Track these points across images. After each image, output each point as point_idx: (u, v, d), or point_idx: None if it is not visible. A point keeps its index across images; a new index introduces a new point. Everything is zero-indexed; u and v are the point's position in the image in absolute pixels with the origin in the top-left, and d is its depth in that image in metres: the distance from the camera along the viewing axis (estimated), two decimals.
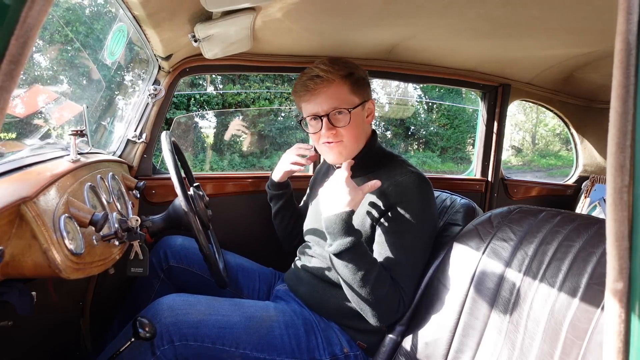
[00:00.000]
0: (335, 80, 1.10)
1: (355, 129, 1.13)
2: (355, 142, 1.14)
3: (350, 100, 1.12)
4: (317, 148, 1.21)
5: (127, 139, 1.52)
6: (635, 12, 0.37)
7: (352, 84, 1.12)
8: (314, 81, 1.10)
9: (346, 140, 1.12)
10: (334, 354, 1.06)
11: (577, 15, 1.19)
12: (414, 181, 1.07)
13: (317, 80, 1.09)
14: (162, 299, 1.01)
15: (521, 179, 2.32)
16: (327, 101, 1.10)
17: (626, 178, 0.38)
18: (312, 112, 1.13)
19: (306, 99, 1.13)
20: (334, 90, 1.10)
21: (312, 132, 1.16)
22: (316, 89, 1.10)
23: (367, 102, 1.17)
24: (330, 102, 1.10)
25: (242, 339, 0.99)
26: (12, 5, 0.32)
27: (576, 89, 2.13)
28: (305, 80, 1.11)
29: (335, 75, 1.09)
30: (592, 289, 0.76)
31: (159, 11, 1.04)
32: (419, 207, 1.05)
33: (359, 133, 1.14)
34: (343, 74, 1.10)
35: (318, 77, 1.09)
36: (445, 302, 0.99)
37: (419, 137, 10.38)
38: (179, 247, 1.33)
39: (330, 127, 1.11)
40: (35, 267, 0.64)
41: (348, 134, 1.12)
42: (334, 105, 1.10)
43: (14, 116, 1.22)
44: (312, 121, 1.15)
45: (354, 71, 1.13)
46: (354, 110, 1.11)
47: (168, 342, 0.93)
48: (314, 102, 1.12)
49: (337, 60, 1.13)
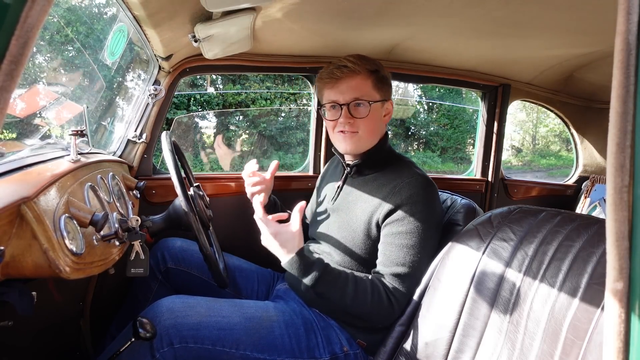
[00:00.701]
0: (361, 73, 1.14)
1: (373, 123, 1.16)
2: (370, 135, 1.17)
3: (372, 94, 1.16)
4: (330, 136, 1.24)
5: (127, 139, 1.52)
6: (635, 12, 0.37)
7: (376, 80, 1.16)
8: (340, 70, 1.14)
9: (362, 132, 1.16)
10: (334, 353, 1.06)
11: (577, 15, 1.19)
12: (420, 183, 1.09)
13: (344, 69, 1.14)
14: (161, 301, 1.01)
15: (521, 179, 2.32)
16: (349, 91, 1.14)
17: (626, 178, 0.38)
18: (333, 99, 1.17)
19: (330, 86, 1.17)
20: (358, 82, 1.14)
21: (329, 119, 1.20)
22: (341, 77, 1.14)
23: (387, 101, 1.21)
24: (353, 92, 1.14)
25: (242, 340, 0.99)
26: (12, 5, 0.32)
27: (576, 89, 2.12)
28: (332, 69, 1.15)
29: (362, 68, 1.14)
30: (592, 289, 0.76)
31: (159, 11, 1.04)
32: (424, 210, 1.07)
33: (375, 128, 1.18)
34: (369, 69, 1.15)
35: (345, 67, 1.14)
36: (446, 302, 0.99)
37: (419, 137, 10.37)
38: (177, 249, 1.33)
39: (348, 116, 1.15)
40: (35, 267, 0.64)
41: (364, 126, 1.16)
42: (356, 96, 1.14)
43: (14, 116, 1.22)
44: (331, 109, 1.19)
45: (380, 69, 1.18)
46: (374, 104, 1.16)
47: (168, 344, 0.92)
48: (337, 89, 1.16)
49: (365, 56, 1.17)
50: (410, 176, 1.11)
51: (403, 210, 1.07)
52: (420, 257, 1.05)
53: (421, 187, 1.08)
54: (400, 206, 1.07)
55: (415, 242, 1.05)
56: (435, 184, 1.14)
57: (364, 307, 1.02)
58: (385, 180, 1.14)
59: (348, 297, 1.02)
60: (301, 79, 4.66)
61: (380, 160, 1.20)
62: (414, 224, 1.05)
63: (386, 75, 1.20)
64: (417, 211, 1.06)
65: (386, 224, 1.08)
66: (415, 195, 1.07)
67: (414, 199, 1.07)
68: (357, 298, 1.02)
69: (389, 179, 1.14)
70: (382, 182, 1.15)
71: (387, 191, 1.11)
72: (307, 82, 1.89)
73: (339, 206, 1.22)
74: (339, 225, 1.19)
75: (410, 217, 1.06)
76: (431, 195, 1.10)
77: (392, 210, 1.08)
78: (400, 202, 1.07)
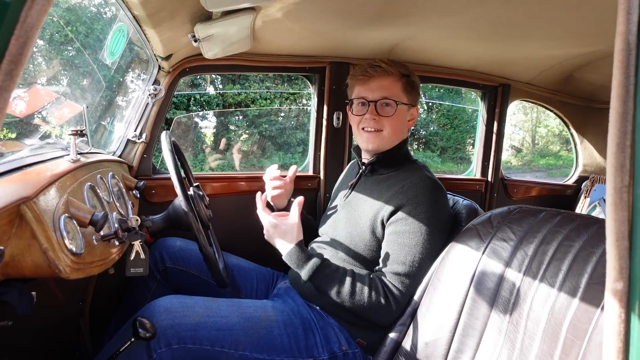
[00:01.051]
0: (393, 74, 1.19)
1: (397, 124, 1.20)
2: (393, 135, 1.20)
3: (401, 96, 1.20)
4: (354, 132, 1.28)
5: (127, 139, 1.52)
6: (635, 12, 0.37)
7: (406, 83, 1.21)
8: (374, 69, 1.18)
9: (386, 131, 1.19)
10: (333, 352, 1.06)
11: (577, 15, 1.19)
12: (428, 185, 1.10)
13: (378, 69, 1.18)
14: (158, 301, 1.00)
15: (521, 179, 2.32)
16: (379, 89, 1.18)
17: (626, 178, 0.38)
18: (362, 95, 1.21)
19: (361, 83, 1.21)
20: (388, 82, 1.18)
21: (355, 114, 1.23)
22: (374, 75, 1.19)
23: (414, 107, 1.24)
24: (382, 91, 1.18)
25: (241, 340, 0.99)
26: (12, 5, 0.32)
27: (576, 89, 2.13)
28: (366, 67, 1.20)
29: (395, 70, 1.19)
30: (592, 289, 0.76)
31: (159, 11, 1.04)
32: (429, 211, 1.07)
33: (398, 129, 1.21)
34: (401, 72, 1.20)
35: (379, 67, 1.18)
36: (445, 302, 0.99)
37: (419, 137, 10.37)
38: (175, 249, 1.33)
39: (374, 113, 1.18)
40: (35, 267, 0.63)
41: (389, 125, 1.19)
42: (385, 95, 1.18)
43: (14, 116, 1.22)
44: (359, 105, 1.22)
45: (411, 75, 1.22)
46: (401, 105, 1.19)
47: (165, 345, 0.92)
48: (367, 86, 1.19)
49: (398, 62, 1.22)
50: (419, 178, 1.12)
51: (407, 209, 1.08)
52: (421, 258, 1.05)
53: (427, 189, 1.09)
54: (405, 205, 1.08)
55: (417, 242, 1.05)
56: (444, 188, 1.15)
57: (362, 303, 1.03)
58: (396, 180, 1.16)
59: (346, 292, 1.03)
60: (301, 79, 4.67)
61: (395, 161, 1.23)
62: (417, 224, 1.06)
63: (416, 81, 1.24)
64: (421, 211, 1.07)
65: (390, 222, 1.09)
66: (421, 196, 1.08)
67: (419, 200, 1.08)
68: (355, 293, 1.03)
69: (399, 179, 1.16)
70: (392, 182, 1.17)
71: (394, 191, 1.12)
72: (307, 82, 1.89)
73: (350, 203, 1.25)
74: (346, 220, 1.21)
75: (414, 217, 1.07)
76: (438, 197, 1.11)
77: (396, 209, 1.09)
78: (405, 201, 1.08)
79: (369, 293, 1.03)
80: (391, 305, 1.04)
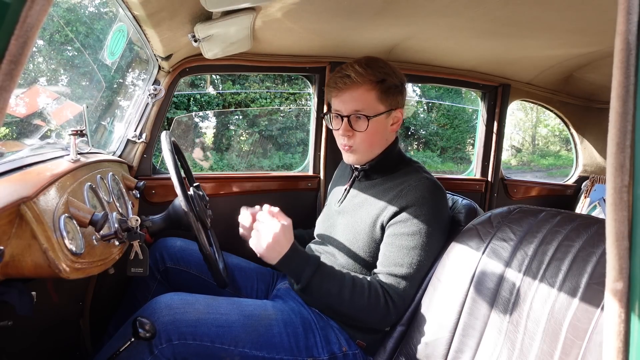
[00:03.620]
0: (363, 85, 1.09)
1: (371, 137, 1.13)
2: (368, 148, 1.15)
3: (374, 107, 1.11)
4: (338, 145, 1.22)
5: (127, 139, 1.52)
6: (635, 12, 0.37)
7: (381, 90, 1.11)
8: (343, 81, 1.10)
9: (357, 146, 1.14)
10: (333, 353, 1.06)
11: (577, 15, 1.19)
12: (427, 187, 1.08)
13: (347, 80, 1.09)
14: (160, 298, 1.01)
15: (521, 179, 2.32)
16: (351, 102, 1.11)
17: (626, 178, 0.38)
18: (337, 109, 1.15)
19: (334, 95, 1.15)
20: (359, 93, 1.10)
21: (332, 128, 1.19)
22: (344, 88, 1.11)
23: (395, 110, 1.15)
24: (354, 104, 1.11)
25: (241, 337, 0.99)
26: (12, 5, 0.32)
27: (576, 89, 2.13)
28: (337, 78, 1.12)
29: (365, 79, 1.09)
30: (592, 289, 0.76)
31: (159, 11, 1.04)
32: (429, 212, 1.06)
33: (375, 141, 1.15)
34: (374, 79, 1.10)
35: (348, 78, 1.09)
36: (445, 302, 0.99)
37: (419, 137, 10.37)
38: (176, 249, 1.33)
39: (347, 129, 1.13)
40: (35, 267, 0.63)
41: (362, 141, 1.13)
42: (356, 108, 1.11)
43: (14, 116, 1.22)
44: (335, 118, 1.17)
45: (388, 78, 1.11)
46: (375, 118, 1.11)
47: (166, 340, 0.92)
48: (340, 99, 1.13)
49: (373, 63, 1.11)
50: (418, 180, 1.10)
51: (407, 212, 1.06)
52: (420, 260, 1.05)
53: (427, 191, 1.07)
54: (405, 208, 1.06)
55: (416, 244, 1.05)
56: (443, 189, 1.12)
57: (361, 305, 1.01)
58: (393, 184, 1.13)
59: (345, 294, 1.01)
60: (301, 79, 4.66)
61: (389, 165, 1.19)
62: (417, 226, 1.05)
63: (396, 82, 1.13)
64: (422, 214, 1.05)
65: (390, 225, 1.08)
66: (421, 198, 1.06)
67: (419, 202, 1.06)
68: (355, 295, 1.01)
69: (396, 182, 1.13)
70: (389, 185, 1.14)
71: (393, 194, 1.10)
72: (307, 82, 1.89)
73: (345, 209, 1.22)
74: (343, 227, 1.19)
75: (414, 219, 1.05)
76: (438, 199, 1.09)
77: (396, 212, 1.07)
78: (405, 204, 1.06)
79: (369, 294, 1.02)
80: (389, 308, 1.03)
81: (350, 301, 1.02)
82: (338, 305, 1.03)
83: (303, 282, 1.02)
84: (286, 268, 1.03)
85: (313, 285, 1.02)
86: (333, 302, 1.03)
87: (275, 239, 1.00)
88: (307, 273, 1.02)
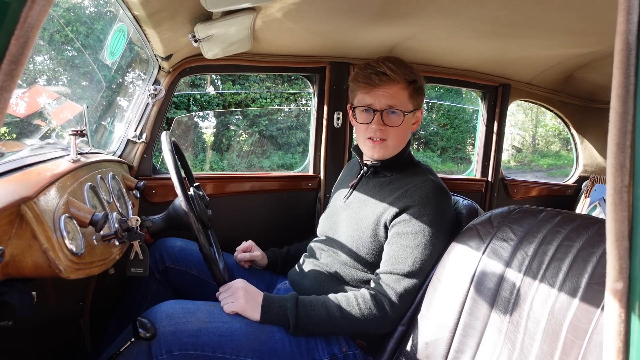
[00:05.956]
0: (399, 83, 1.13)
1: (402, 133, 1.17)
2: (398, 144, 1.18)
3: (407, 104, 1.16)
4: (358, 139, 1.23)
5: (127, 139, 1.52)
6: (635, 12, 0.37)
7: (412, 90, 1.16)
8: (379, 77, 1.12)
9: (390, 140, 1.16)
10: (333, 354, 1.06)
11: (577, 15, 1.19)
12: (432, 188, 1.09)
13: (383, 77, 1.12)
14: (160, 306, 0.99)
15: (521, 179, 2.33)
16: (386, 98, 1.13)
17: (626, 178, 0.38)
18: (368, 103, 1.15)
19: (366, 91, 1.16)
20: (395, 91, 1.14)
21: (360, 122, 1.19)
22: (379, 84, 1.13)
23: (418, 110, 1.21)
24: (389, 100, 1.13)
25: (243, 346, 0.98)
26: (12, 5, 0.32)
27: (576, 89, 2.13)
28: (370, 74, 1.13)
29: (401, 77, 1.13)
30: (592, 289, 0.76)
31: (159, 11, 1.04)
32: (432, 213, 1.07)
33: (403, 137, 1.19)
34: (408, 79, 1.14)
35: (384, 75, 1.12)
36: (446, 302, 0.99)
37: (419, 137, 10.36)
38: (176, 249, 1.32)
39: (380, 123, 1.14)
40: (35, 267, 0.64)
41: (395, 136, 1.16)
42: (391, 104, 1.13)
43: (14, 116, 1.22)
44: (363, 112, 1.18)
45: (417, 79, 1.17)
46: (407, 115, 1.16)
47: (167, 351, 0.91)
48: (373, 95, 1.14)
49: (403, 63, 1.16)
50: (424, 181, 1.11)
51: (411, 212, 1.07)
52: (422, 259, 1.05)
53: (432, 192, 1.08)
54: (409, 208, 1.07)
55: (418, 243, 1.05)
56: (448, 192, 1.14)
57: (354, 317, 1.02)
58: (399, 184, 1.15)
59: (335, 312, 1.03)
60: (301, 79, 4.66)
61: (399, 164, 1.21)
62: (420, 226, 1.05)
63: (422, 85, 1.20)
64: (425, 214, 1.06)
65: (393, 224, 1.09)
66: (425, 199, 1.07)
67: (423, 202, 1.07)
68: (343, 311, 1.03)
69: (402, 182, 1.14)
70: (396, 185, 1.15)
71: (398, 194, 1.11)
72: (307, 82, 1.89)
73: (350, 205, 1.23)
74: (347, 223, 1.19)
75: (417, 219, 1.06)
76: (442, 200, 1.10)
77: (400, 211, 1.08)
78: (409, 204, 1.08)
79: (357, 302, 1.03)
80: (387, 310, 1.03)
81: (342, 318, 1.02)
82: (335, 326, 1.04)
83: (292, 320, 1.02)
84: (270, 314, 1.03)
85: (301, 317, 1.02)
86: (328, 325, 1.03)
87: (245, 290, 1.04)
88: (291, 310, 1.02)
